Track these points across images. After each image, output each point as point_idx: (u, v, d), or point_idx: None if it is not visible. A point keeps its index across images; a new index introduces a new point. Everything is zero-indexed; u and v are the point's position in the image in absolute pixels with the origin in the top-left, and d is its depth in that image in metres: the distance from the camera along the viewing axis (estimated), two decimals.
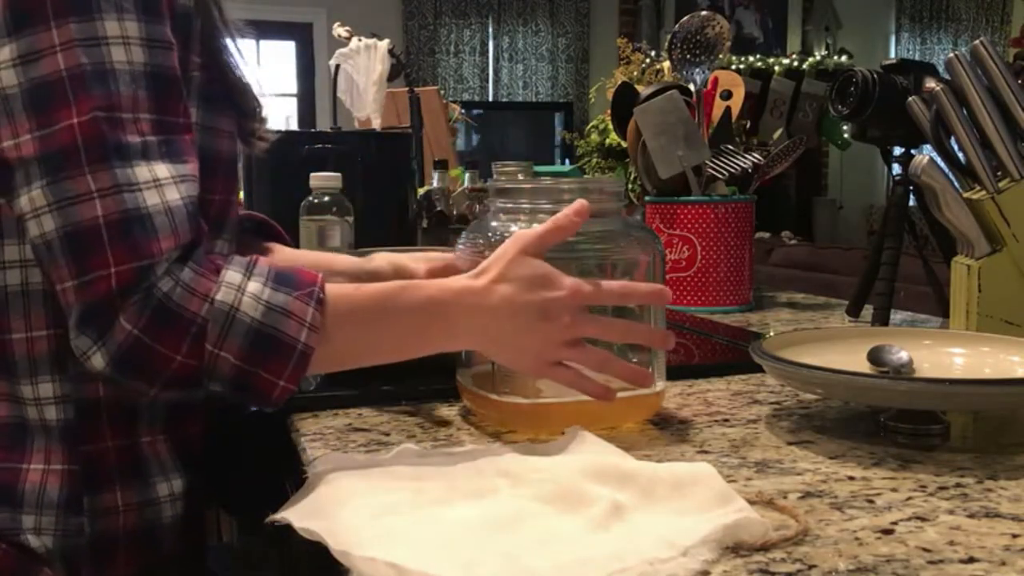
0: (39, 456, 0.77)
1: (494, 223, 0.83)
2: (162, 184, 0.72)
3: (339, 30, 2.29)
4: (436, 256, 1.02)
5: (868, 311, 1.34)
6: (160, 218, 0.71)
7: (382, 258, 1.02)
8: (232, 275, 0.72)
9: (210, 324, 0.70)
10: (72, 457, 0.77)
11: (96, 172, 0.70)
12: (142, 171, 0.72)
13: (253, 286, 0.72)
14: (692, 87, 1.46)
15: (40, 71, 0.71)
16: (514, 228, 0.80)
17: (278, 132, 0.98)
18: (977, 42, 1.03)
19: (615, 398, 0.78)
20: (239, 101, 0.87)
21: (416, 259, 1.01)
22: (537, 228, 0.77)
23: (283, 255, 1.05)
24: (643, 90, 1.53)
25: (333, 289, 0.75)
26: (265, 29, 6.44)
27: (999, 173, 1.02)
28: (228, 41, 0.85)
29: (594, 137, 1.89)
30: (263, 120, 0.92)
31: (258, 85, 0.90)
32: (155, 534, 0.81)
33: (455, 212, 1.67)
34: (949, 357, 0.88)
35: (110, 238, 0.69)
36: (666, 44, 1.47)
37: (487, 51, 6.89)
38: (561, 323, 0.75)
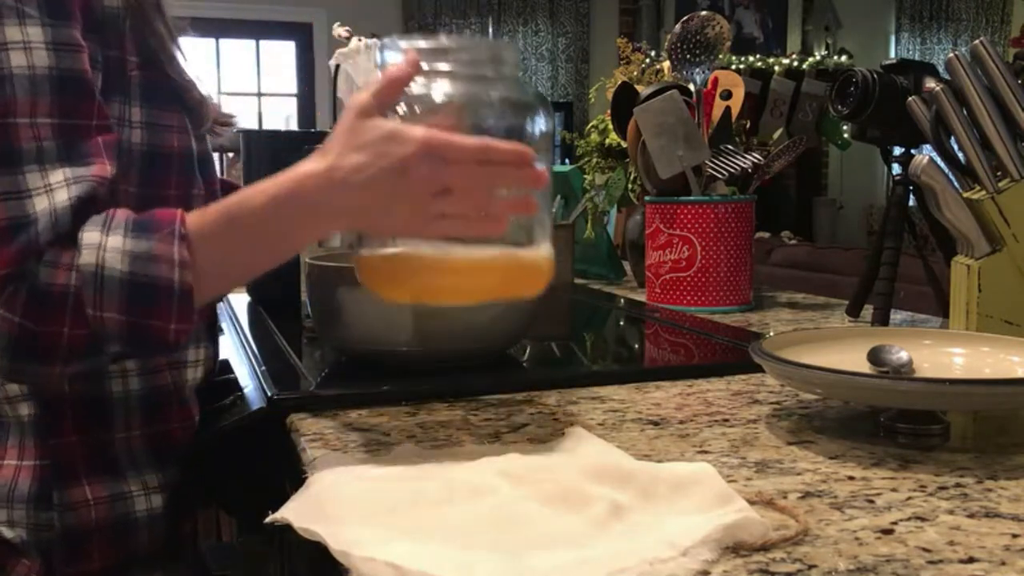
0: (12, 452, 0.79)
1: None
2: (53, 188, 0.72)
3: (339, 30, 2.29)
4: None
5: (868, 311, 1.34)
6: (44, 220, 0.71)
7: None
8: (90, 236, 0.71)
9: (83, 290, 0.70)
10: (43, 452, 0.79)
11: None
12: (33, 177, 0.72)
13: (113, 240, 0.71)
14: (692, 87, 1.46)
15: None
16: (405, 90, 0.73)
17: (234, 120, 0.97)
18: (977, 42, 1.04)
19: (503, 226, 0.72)
20: (183, 98, 0.86)
21: None
22: (368, 86, 0.72)
23: None
24: (643, 90, 1.53)
25: (191, 219, 0.73)
26: (265, 29, 6.45)
27: (999, 173, 1.02)
28: (166, 40, 0.84)
29: (594, 137, 1.89)
30: (211, 114, 0.91)
31: (197, 80, 0.89)
32: (129, 528, 0.82)
33: None
34: (949, 357, 0.88)
35: None
36: (666, 44, 1.47)
37: None
38: (421, 176, 0.69)
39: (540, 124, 0.77)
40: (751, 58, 7.00)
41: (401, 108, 0.73)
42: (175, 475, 0.86)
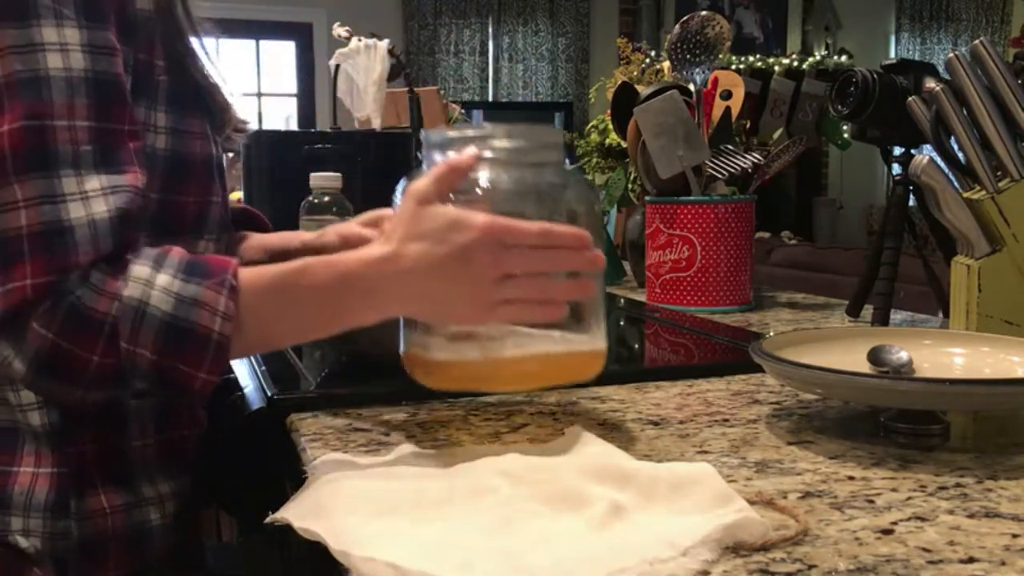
0: (29, 459, 0.78)
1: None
2: (89, 196, 0.71)
3: (339, 30, 2.29)
4: (386, 215, 0.98)
5: (868, 311, 1.34)
6: (82, 231, 0.70)
7: (332, 230, 1.00)
8: (140, 269, 0.71)
9: (121, 321, 0.69)
10: (60, 460, 0.78)
11: (22, 181, 0.70)
12: (69, 182, 0.71)
13: (163, 279, 0.71)
14: (692, 87, 1.46)
15: None
16: None
17: (249, 127, 0.97)
18: (977, 42, 1.04)
19: (563, 310, 0.74)
20: (208, 103, 0.86)
21: (366, 223, 0.98)
22: (428, 174, 0.73)
23: (256, 240, 1.05)
24: (643, 90, 1.53)
25: (246, 274, 0.73)
26: (265, 29, 6.45)
27: (999, 173, 1.02)
28: (194, 44, 0.84)
29: (594, 137, 1.89)
30: (233, 119, 0.91)
31: (224, 83, 0.89)
32: (144, 536, 0.81)
33: None
34: (949, 357, 0.88)
35: (30, 249, 0.69)
36: (666, 44, 1.47)
37: (487, 51, 6.89)
38: (484, 264, 0.70)
39: (585, 207, 0.78)
40: (751, 58, 7.00)
41: (451, 195, 0.74)
42: (187, 483, 0.86)
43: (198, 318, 0.70)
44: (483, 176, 0.75)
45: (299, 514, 0.60)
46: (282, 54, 6.64)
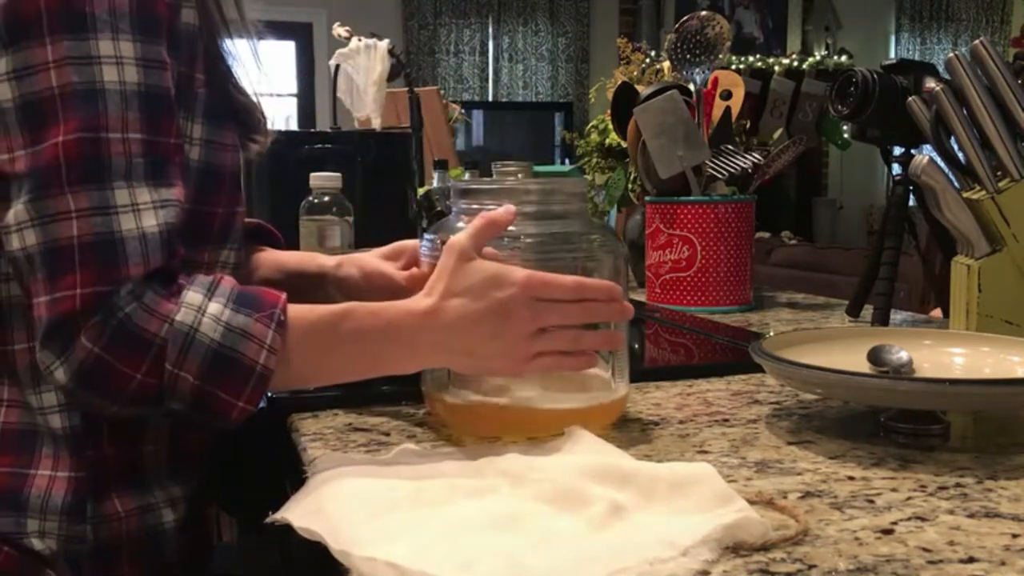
0: (47, 462, 0.78)
1: (458, 224, 0.81)
2: (140, 209, 0.73)
3: (339, 30, 2.29)
4: (407, 248, 1.00)
5: (868, 311, 1.34)
6: (132, 244, 0.71)
7: (352, 263, 1.01)
8: (193, 296, 0.72)
9: (169, 344, 0.70)
10: (78, 464, 0.78)
11: (76, 192, 0.71)
12: (122, 194, 0.72)
13: (214, 307, 0.72)
14: (692, 87, 1.46)
15: (33, 87, 0.72)
16: None
17: (275, 135, 0.98)
18: (977, 42, 1.04)
19: (595, 360, 0.77)
20: (245, 119, 0.88)
21: (388, 255, 1.01)
22: (467, 229, 0.76)
23: (270, 256, 1.05)
24: (643, 90, 1.53)
25: (293, 311, 0.75)
26: (265, 29, 6.44)
27: (999, 173, 1.02)
28: (235, 53, 0.85)
29: (594, 137, 1.89)
30: (266, 134, 0.93)
31: (256, 97, 0.91)
32: (157, 539, 0.82)
33: None
34: (949, 357, 0.88)
35: (81, 260, 0.70)
36: (666, 44, 1.47)
37: (487, 51, 6.89)
38: (522, 319, 0.73)
39: (610, 253, 0.81)
40: (751, 58, 7.00)
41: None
42: (197, 486, 0.86)
43: (245, 349, 0.71)
44: (511, 228, 0.78)
45: (299, 514, 0.60)
46: (282, 54, 6.64)
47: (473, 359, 0.75)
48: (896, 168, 1.29)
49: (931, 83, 1.10)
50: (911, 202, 1.28)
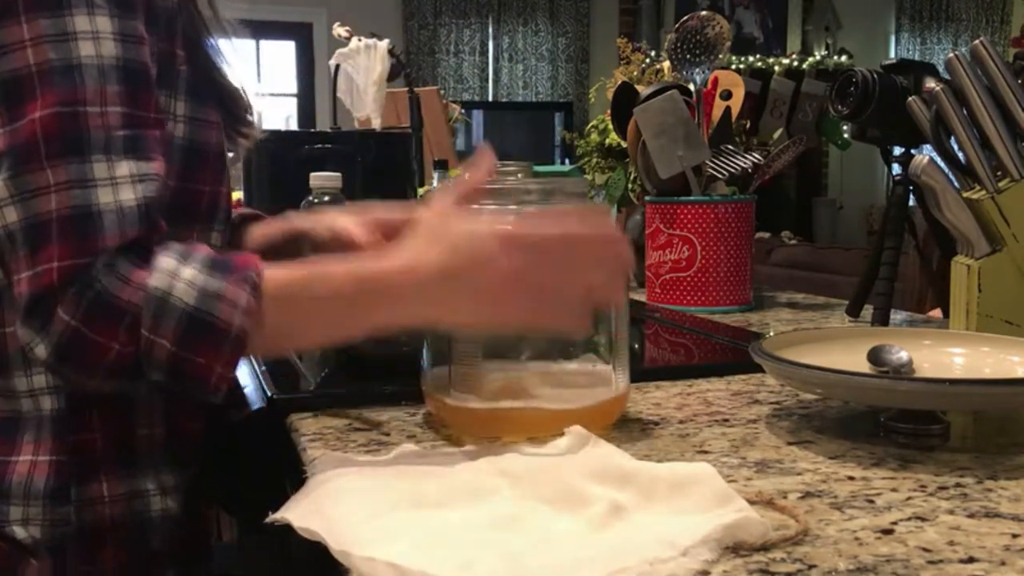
0: (28, 448, 0.78)
1: None
2: (118, 182, 0.72)
3: (339, 30, 2.29)
4: (380, 215, 0.98)
5: (868, 311, 1.34)
6: (110, 216, 0.71)
7: (324, 225, 0.99)
8: (167, 262, 0.72)
9: (144, 311, 0.70)
10: (61, 447, 0.78)
11: (55, 166, 0.71)
12: (100, 167, 0.72)
13: (188, 272, 0.71)
14: (692, 87, 1.46)
15: (10, 64, 0.72)
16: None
17: (265, 131, 0.98)
18: (977, 42, 1.04)
19: (589, 324, 0.74)
20: (230, 106, 0.88)
21: (359, 221, 0.97)
22: (447, 189, 0.76)
23: (254, 229, 1.04)
24: (643, 90, 1.53)
25: (268, 272, 0.73)
26: (265, 29, 6.45)
27: (999, 173, 1.02)
28: (217, 43, 0.86)
29: (594, 137, 1.89)
30: (253, 126, 0.93)
31: (241, 87, 0.90)
32: (144, 527, 0.82)
33: None
34: (949, 357, 0.88)
35: (59, 233, 0.70)
36: (666, 44, 1.47)
37: (487, 51, 6.89)
38: (502, 273, 0.71)
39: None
40: (751, 58, 7.00)
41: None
42: (191, 476, 0.86)
43: (219, 312, 0.71)
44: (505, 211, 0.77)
45: (299, 514, 0.60)
46: (282, 54, 6.64)
47: (451, 314, 0.73)
48: (896, 168, 1.29)
49: (931, 83, 1.10)
50: (911, 202, 1.28)
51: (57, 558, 0.78)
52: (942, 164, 1.06)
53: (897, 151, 1.30)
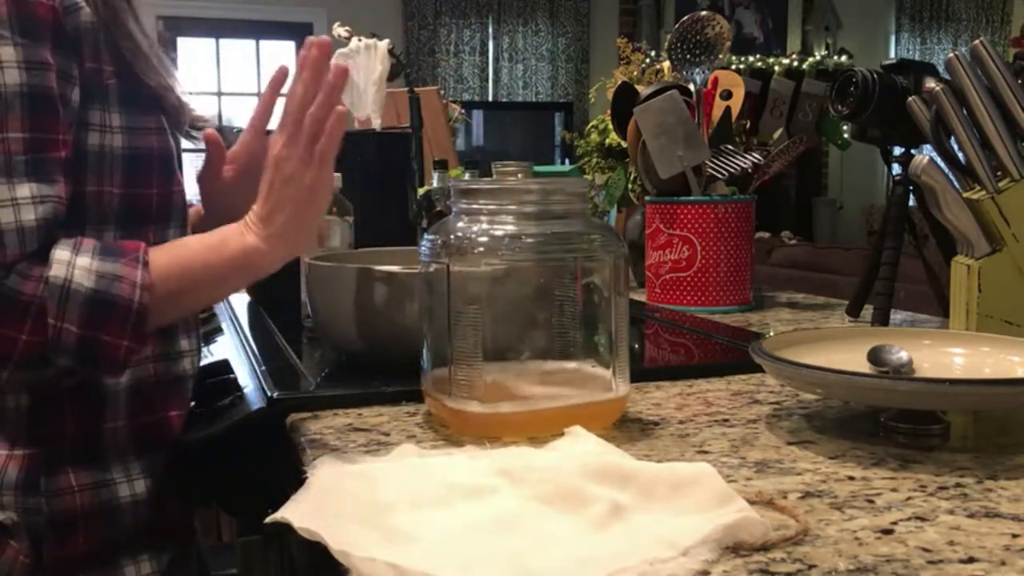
0: (3, 443, 0.83)
1: (458, 224, 0.81)
2: (20, 204, 0.77)
3: (339, 30, 2.29)
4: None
5: (868, 311, 1.34)
6: (11, 235, 0.76)
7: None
8: (60, 253, 0.77)
9: (48, 300, 0.75)
10: (31, 441, 0.83)
11: None
12: (1, 189, 0.76)
13: (82, 260, 0.78)
14: (692, 87, 1.46)
15: None
16: (475, 229, 0.79)
17: (209, 123, 1.02)
18: (977, 42, 1.03)
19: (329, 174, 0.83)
20: (163, 105, 0.90)
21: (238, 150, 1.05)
22: (280, 130, 0.83)
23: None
24: (643, 90, 1.53)
25: (154, 252, 0.82)
26: (265, 29, 6.45)
27: (999, 173, 1.02)
28: (142, 49, 0.87)
29: (594, 137, 1.89)
30: (188, 119, 0.95)
31: (176, 85, 0.93)
32: (113, 513, 0.86)
33: None
34: (949, 357, 0.88)
35: None
36: (666, 44, 1.47)
37: (487, 51, 6.89)
38: (304, 185, 0.82)
39: (612, 253, 0.81)
40: (751, 58, 7.00)
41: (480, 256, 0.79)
42: (158, 462, 0.90)
43: (119, 291, 0.77)
44: (512, 228, 0.78)
45: (299, 514, 0.60)
46: (282, 54, 6.64)
47: (299, 247, 0.87)
48: (896, 168, 1.29)
49: (931, 83, 1.10)
50: (911, 202, 1.28)
51: (34, 542, 0.82)
52: (942, 164, 1.06)
53: (897, 151, 1.30)
